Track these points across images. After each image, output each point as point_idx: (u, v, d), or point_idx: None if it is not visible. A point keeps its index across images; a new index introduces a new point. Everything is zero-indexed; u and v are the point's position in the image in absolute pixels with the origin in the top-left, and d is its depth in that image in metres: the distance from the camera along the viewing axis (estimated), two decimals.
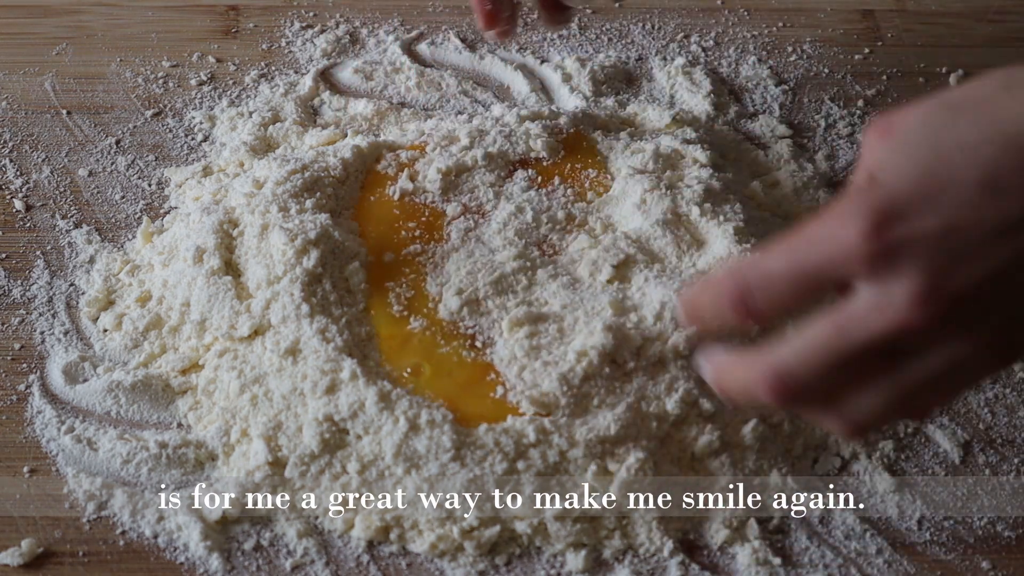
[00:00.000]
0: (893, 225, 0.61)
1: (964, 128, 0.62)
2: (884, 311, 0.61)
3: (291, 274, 0.79)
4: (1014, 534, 0.76)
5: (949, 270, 0.61)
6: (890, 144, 0.63)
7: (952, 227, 0.61)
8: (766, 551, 0.74)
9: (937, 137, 0.62)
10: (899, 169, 0.62)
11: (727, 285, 0.64)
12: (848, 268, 0.61)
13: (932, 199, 0.61)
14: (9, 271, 0.86)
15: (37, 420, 0.79)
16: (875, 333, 0.61)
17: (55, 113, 0.95)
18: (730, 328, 0.68)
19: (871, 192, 0.62)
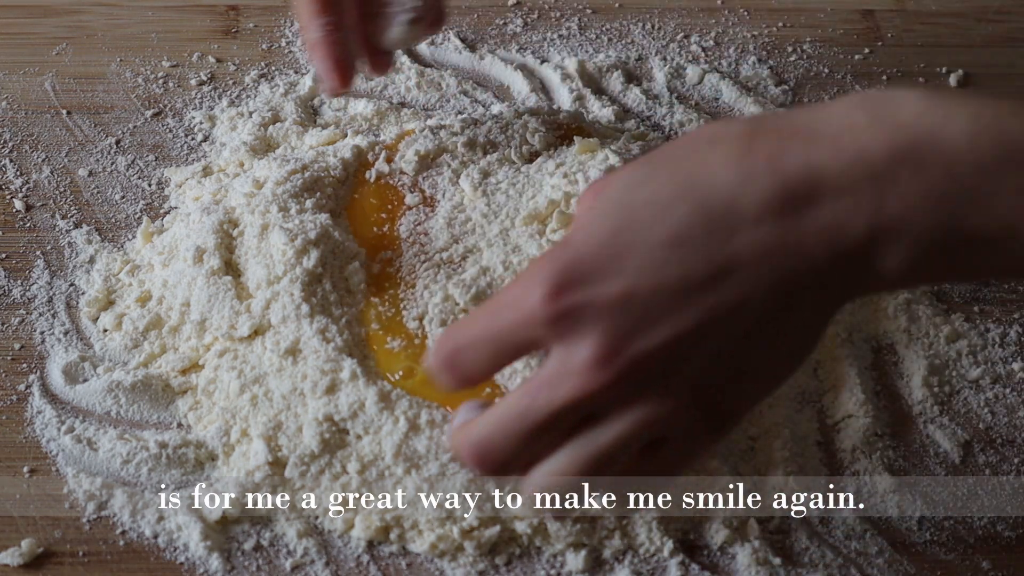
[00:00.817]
0: (575, 288, 0.59)
1: (658, 185, 0.60)
2: (567, 376, 0.60)
3: (291, 274, 0.79)
4: (1014, 534, 0.76)
5: (629, 332, 0.59)
6: (594, 205, 0.61)
7: (634, 288, 0.59)
8: (766, 551, 0.74)
9: (631, 195, 0.60)
10: (589, 230, 0.61)
11: (440, 345, 0.64)
12: (535, 332, 0.60)
13: (616, 259, 0.59)
14: (9, 271, 0.86)
15: (37, 420, 0.79)
16: (559, 398, 0.60)
17: (55, 113, 0.95)
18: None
19: (557, 255, 0.60)
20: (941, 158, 0.57)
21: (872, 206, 0.58)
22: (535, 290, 0.60)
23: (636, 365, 0.59)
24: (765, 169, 0.58)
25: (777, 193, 0.58)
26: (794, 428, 0.79)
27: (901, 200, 0.57)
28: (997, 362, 0.83)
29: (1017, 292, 0.87)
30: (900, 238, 0.58)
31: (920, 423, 0.81)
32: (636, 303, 0.59)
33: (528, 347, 0.62)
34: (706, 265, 0.58)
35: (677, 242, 0.59)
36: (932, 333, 0.84)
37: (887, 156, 0.58)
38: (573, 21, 1.04)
